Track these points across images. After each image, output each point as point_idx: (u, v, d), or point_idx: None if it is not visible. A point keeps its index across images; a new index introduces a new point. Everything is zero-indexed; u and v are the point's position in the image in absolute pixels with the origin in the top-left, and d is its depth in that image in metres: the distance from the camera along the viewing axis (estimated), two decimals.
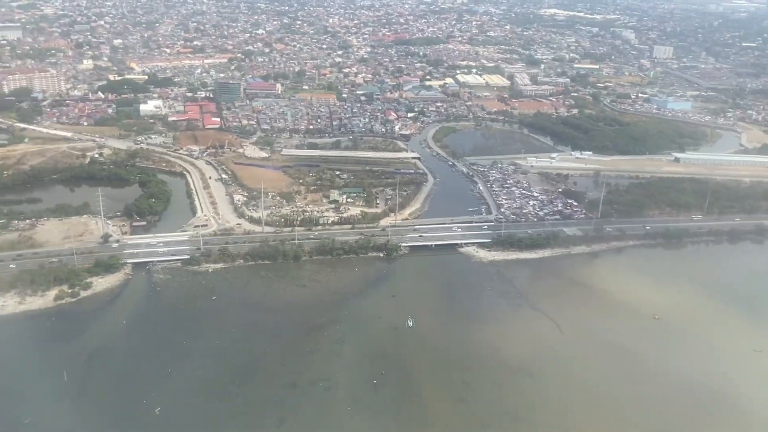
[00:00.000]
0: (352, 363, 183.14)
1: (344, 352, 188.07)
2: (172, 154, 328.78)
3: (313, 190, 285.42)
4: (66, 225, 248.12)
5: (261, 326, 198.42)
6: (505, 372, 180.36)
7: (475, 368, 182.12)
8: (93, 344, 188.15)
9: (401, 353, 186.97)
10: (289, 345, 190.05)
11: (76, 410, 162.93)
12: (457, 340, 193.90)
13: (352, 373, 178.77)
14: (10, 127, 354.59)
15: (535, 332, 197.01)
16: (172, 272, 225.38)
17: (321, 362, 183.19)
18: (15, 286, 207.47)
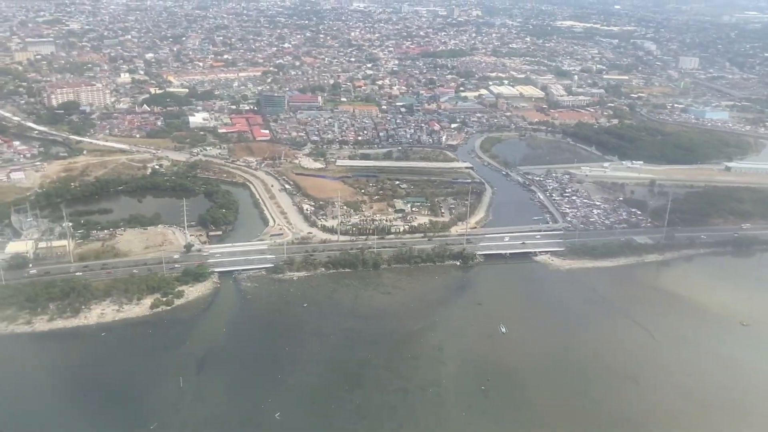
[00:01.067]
0: (456, 369, 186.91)
1: (446, 359, 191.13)
2: (231, 165, 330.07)
3: (376, 199, 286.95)
4: (144, 235, 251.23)
5: (358, 333, 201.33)
6: (611, 377, 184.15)
7: (579, 374, 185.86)
8: (199, 351, 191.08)
9: (501, 359, 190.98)
10: (390, 351, 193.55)
11: (197, 416, 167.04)
12: (554, 346, 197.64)
13: (458, 379, 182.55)
14: (66, 140, 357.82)
15: (628, 339, 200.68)
16: (258, 280, 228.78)
17: (425, 368, 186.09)
18: (110, 295, 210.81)
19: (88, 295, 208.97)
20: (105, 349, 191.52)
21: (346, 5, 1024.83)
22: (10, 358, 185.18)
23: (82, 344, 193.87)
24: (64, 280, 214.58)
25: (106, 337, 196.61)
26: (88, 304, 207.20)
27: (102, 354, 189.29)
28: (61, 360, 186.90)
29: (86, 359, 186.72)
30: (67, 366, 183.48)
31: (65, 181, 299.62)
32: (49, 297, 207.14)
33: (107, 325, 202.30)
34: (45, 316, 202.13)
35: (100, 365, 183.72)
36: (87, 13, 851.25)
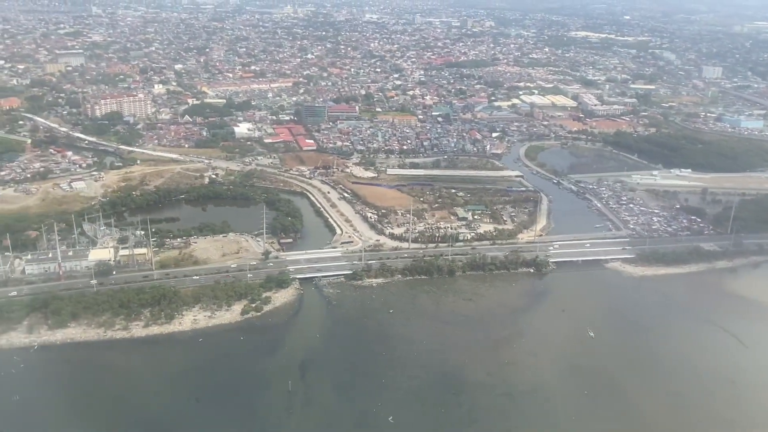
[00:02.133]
0: (555, 374, 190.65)
1: (542, 364, 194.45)
2: (285, 174, 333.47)
3: (436, 207, 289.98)
4: (218, 243, 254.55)
5: (449, 338, 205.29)
6: (706, 380, 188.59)
7: (675, 377, 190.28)
8: (298, 356, 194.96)
9: (597, 364, 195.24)
10: (485, 357, 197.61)
11: (310, 419, 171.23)
12: (644, 350, 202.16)
13: (559, 383, 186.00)
14: (117, 150, 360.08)
15: (716, 343, 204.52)
16: (338, 287, 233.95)
17: (524, 373, 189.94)
18: (199, 301, 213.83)
19: (179, 302, 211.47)
20: (206, 354, 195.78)
21: (358, 16, 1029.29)
22: (119, 364, 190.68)
23: (183, 350, 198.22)
24: (153, 287, 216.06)
25: (203, 343, 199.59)
26: (180, 311, 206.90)
27: (205, 359, 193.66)
28: (167, 365, 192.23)
29: (191, 364, 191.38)
30: (175, 371, 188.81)
31: (126, 190, 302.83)
32: (140, 303, 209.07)
33: (202, 331, 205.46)
34: (140, 322, 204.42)
35: (206, 370, 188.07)
36: (105, 25, 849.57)
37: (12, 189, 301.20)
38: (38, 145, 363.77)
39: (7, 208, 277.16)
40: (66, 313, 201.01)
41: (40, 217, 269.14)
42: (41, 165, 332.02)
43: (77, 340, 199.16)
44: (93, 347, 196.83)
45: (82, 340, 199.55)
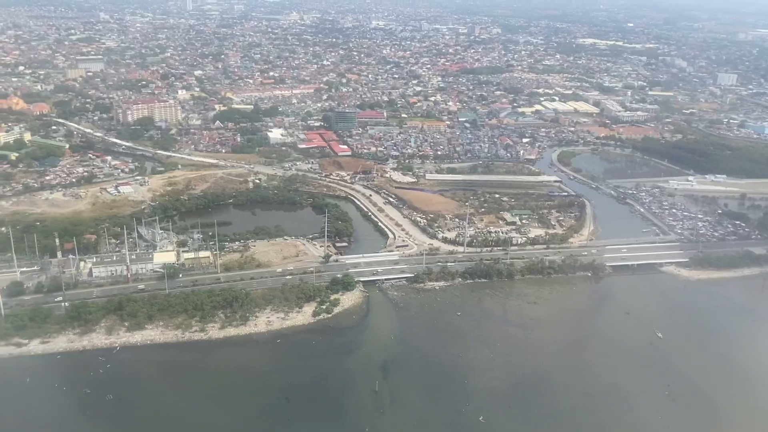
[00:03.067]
0: (632, 375, 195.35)
1: (616, 365, 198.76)
2: (326, 179, 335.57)
3: (482, 212, 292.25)
4: (276, 246, 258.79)
5: (521, 341, 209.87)
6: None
7: (756, 378, 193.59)
8: (377, 357, 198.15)
9: (671, 364, 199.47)
10: (560, 358, 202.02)
11: (401, 419, 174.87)
12: (716, 351, 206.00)
13: (638, 384, 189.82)
14: (155, 155, 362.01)
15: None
16: (402, 290, 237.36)
17: (601, 374, 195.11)
18: (270, 303, 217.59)
19: (251, 304, 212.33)
20: (287, 355, 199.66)
21: (365, 23, 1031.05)
22: (203, 364, 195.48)
23: (263, 351, 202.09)
24: (224, 289, 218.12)
25: (282, 344, 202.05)
26: (253, 313, 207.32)
27: (287, 360, 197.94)
28: (251, 366, 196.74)
29: (274, 365, 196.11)
30: (259, 371, 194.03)
31: (173, 194, 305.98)
32: (213, 305, 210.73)
33: (277, 332, 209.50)
34: (215, 324, 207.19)
35: (291, 371, 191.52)
36: (116, 31, 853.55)
37: (60, 193, 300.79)
38: (77, 150, 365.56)
39: (60, 211, 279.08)
40: (142, 315, 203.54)
41: (94, 221, 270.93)
42: (84, 169, 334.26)
43: (157, 342, 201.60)
44: (173, 348, 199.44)
45: (162, 342, 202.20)
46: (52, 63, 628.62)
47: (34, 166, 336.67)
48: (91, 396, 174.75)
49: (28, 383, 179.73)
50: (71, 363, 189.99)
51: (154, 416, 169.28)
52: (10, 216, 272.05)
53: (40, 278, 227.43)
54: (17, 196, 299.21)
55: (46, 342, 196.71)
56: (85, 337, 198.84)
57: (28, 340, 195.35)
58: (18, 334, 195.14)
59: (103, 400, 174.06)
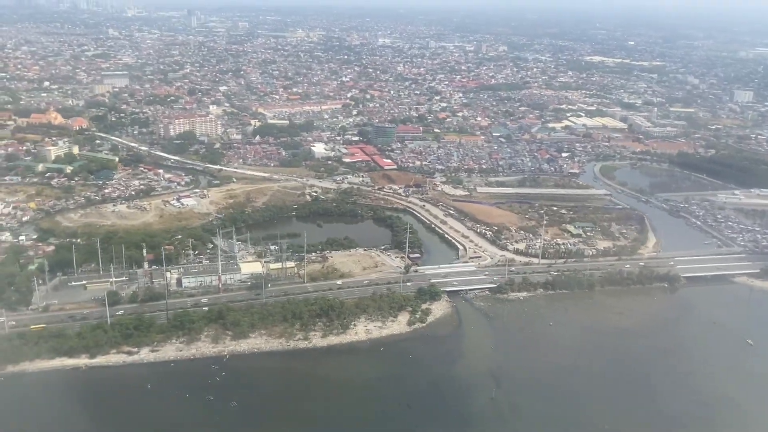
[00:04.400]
0: (737, 382, 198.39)
1: (718, 372, 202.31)
2: (380, 192, 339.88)
3: (545, 224, 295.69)
4: (352, 257, 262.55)
5: (617, 349, 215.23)
6: None
7: None
8: (482, 365, 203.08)
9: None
10: (661, 366, 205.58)
11: (525, 426, 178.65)
12: None
13: (747, 392, 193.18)
14: (205, 168, 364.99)
15: None
16: (487, 300, 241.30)
17: (706, 381, 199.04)
18: (365, 312, 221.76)
19: (347, 313, 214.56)
20: (394, 363, 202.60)
21: (372, 41, 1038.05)
22: (314, 372, 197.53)
23: (369, 358, 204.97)
24: (319, 298, 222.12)
25: (386, 352, 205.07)
26: (350, 321, 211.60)
27: (395, 367, 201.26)
28: (361, 372, 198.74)
29: (384, 372, 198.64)
30: (372, 378, 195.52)
31: (235, 207, 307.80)
32: (310, 314, 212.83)
33: (377, 340, 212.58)
34: (316, 332, 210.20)
35: (402, 378, 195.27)
36: (128, 47, 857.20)
37: (124, 205, 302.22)
38: (127, 163, 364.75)
39: (130, 223, 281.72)
40: (245, 323, 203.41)
41: (166, 232, 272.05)
42: (140, 182, 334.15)
43: (263, 350, 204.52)
44: (279, 356, 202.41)
45: (268, 350, 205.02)
46: (75, 78, 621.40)
47: (90, 179, 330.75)
48: (215, 403, 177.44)
49: (149, 390, 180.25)
50: (185, 371, 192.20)
51: (284, 423, 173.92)
52: (82, 228, 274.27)
53: (130, 288, 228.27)
54: (83, 208, 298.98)
55: (156, 350, 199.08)
56: (192, 346, 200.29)
57: (138, 348, 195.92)
58: (126, 342, 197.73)
59: (227, 407, 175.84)
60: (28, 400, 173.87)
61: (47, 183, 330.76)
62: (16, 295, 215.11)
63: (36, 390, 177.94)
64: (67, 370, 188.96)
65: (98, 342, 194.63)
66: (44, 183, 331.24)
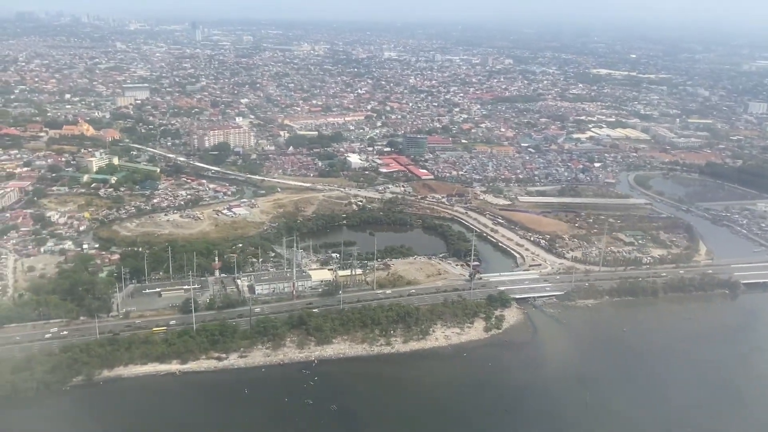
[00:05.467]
0: None
1: None
2: (423, 201, 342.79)
3: (594, 232, 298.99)
4: (413, 265, 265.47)
5: (696, 355, 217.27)
6: None
7: None
8: (568, 371, 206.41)
9: None
10: (744, 370, 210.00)
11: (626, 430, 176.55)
12: None
13: None
14: (247, 179, 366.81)
15: None
16: (555, 307, 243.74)
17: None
18: (440, 318, 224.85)
19: (422, 319, 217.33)
20: (479, 368, 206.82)
21: (378, 54, 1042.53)
22: (403, 377, 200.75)
23: (455, 364, 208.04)
24: (394, 305, 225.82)
25: (469, 358, 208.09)
26: (428, 327, 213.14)
27: (483, 372, 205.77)
28: (451, 378, 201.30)
29: (473, 377, 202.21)
30: (462, 383, 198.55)
31: (287, 216, 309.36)
32: (388, 320, 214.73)
33: (458, 346, 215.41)
34: (398, 338, 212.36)
35: (492, 383, 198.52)
36: (138, 60, 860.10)
37: (177, 215, 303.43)
38: (170, 174, 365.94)
39: (187, 232, 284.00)
40: (327, 329, 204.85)
41: (226, 241, 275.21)
42: (187, 192, 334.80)
43: (348, 355, 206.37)
44: (365, 361, 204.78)
45: (353, 355, 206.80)
46: (95, 91, 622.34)
47: (135, 190, 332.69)
48: (315, 407, 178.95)
49: (248, 395, 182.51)
50: (277, 376, 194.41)
51: (387, 426, 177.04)
52: (141, 237, 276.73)
53: (204, 295, 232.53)
54: (137, 217, 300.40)
55: (244, 356, 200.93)
56: (279, 351, 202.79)
57: (226, 354, 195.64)
58: (213, 348, 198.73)
59: (328, 410, 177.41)
60: (132, 405, 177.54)
61: (95, 193, 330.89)
62: (97, 303, 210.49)
63: (137, 395, 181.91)
64: (161, 376, 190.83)
65: (188, 348, 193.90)
66: (92, 193, 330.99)
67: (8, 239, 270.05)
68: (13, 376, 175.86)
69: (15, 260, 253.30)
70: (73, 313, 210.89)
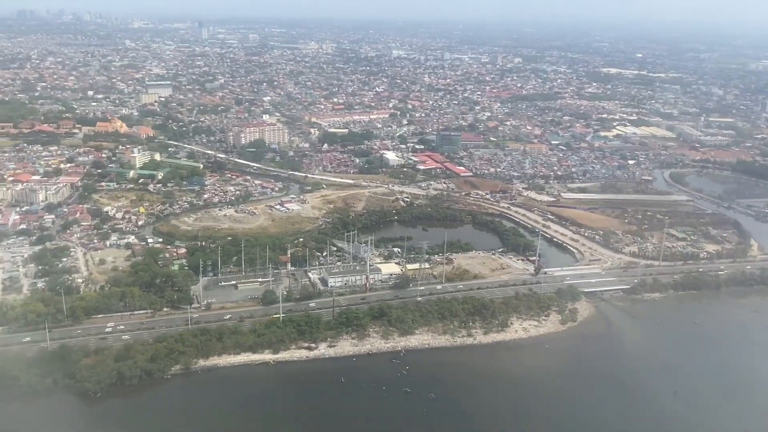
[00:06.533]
0: None
1: None
2: (468, 198, 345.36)
3: (645, 228, 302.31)
4: (474, 259, 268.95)
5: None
6: None
7: None
8: (651, 362, 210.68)
9: None
10: None
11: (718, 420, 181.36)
12: None
13: None
14: (290, 175, 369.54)
15: None
16: (623, 300, 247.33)
17: None
18: (515, 311, 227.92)
19: (498, 311, 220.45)
20: (566, 359, 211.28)
21: (386, 53, 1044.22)
22: (495, 365, 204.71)
23: (539, 354, 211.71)
24: (468, 297, 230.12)
25: (551, 349, 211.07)
26: (507, 319, 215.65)
27: (569, 363, 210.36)
28: (541, 367, 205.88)
29: (561, 367, 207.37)
30: (552, 372, 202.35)
31: (337, 211, 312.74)
32: (465, 312, 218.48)
33: (537, 338, 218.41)
34: (478, 329, 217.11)
35: (582, 372, 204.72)
36: (150, 58, 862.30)
37: (231, 210, 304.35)
38: (213, 170, 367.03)
39: (247, 227, 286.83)
40: (409, 320, 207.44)
41: (287, 235, 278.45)
42: (235, 188, 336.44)
43: (433, 346, 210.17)
44: (450, 352, 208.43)
45: (437, 346, 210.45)
46: (116, 88, 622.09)
47: (183, 185, 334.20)
48: (414, 395, 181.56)
49: (345, 383, 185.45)
50: (368, 365, 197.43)
51: (490, 414, 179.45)
52: (202, 231, 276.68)
53: (278, 288, 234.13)
54: (193, 212, 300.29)
55: (333, 346, 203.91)
56: (365, 342, 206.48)
57: (315, 344, 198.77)
58: (301, 338, 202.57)
59: (427, 398, 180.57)
60: (234, 393, 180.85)
61: (144, 188, 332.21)
62: (178, 294, 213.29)
63: (236, 383, 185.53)
64: (256, 365, 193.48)
65: (278, 338, 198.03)
66: (141, 189, 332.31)
67: (71, 233, 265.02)
68: (117, 364, 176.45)
69: (84, 254, 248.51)
70: (157, 305, 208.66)
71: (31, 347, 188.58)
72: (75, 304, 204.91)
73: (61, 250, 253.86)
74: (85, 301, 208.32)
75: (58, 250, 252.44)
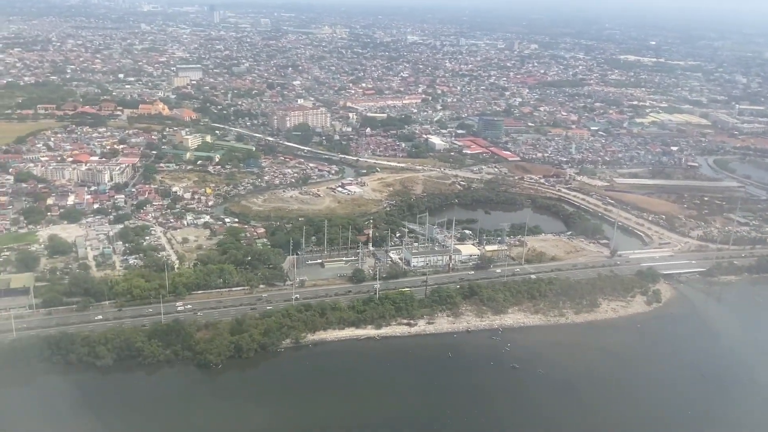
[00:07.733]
0: None
1: None
2: (523, 182, 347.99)
3: (705, 213, 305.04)
4: (547, 242, 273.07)
5: None
6: None
7: None
8: (746, 343, 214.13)
9: None
10: None
11: None
12: None
13: None
14: (341, 159, 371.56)
15: None
16: (700, 282, 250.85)
17: None
18: (601, 292, 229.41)
19: (583, 293, 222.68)
20: (660, 338, 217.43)
21: (400, 38, 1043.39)
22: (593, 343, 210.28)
23: (635, 333, 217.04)
24: (552, 278, 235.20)
25: (643, 329, 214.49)
26: (596, 299, 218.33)
27: (665, 342, 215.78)
28: (636, 345, 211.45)
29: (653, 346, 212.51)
30: (656, 351, 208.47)
31: (398, 194, 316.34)
32: (553, 293, 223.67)
33: (628, 318, 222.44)
34: (568, 309, 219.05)
35: (678, 350, 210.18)
36: (168, 41, 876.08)
37: (296, 191, 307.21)
38: (267, 153, 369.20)
39: (315, 208, 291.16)
40: (501, 299, 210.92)
41: (358, 216, 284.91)
42: (293, 171, 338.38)
43: (528, 324, 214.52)
44: (545, 330, 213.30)
45: (532, 324, 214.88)
46: (145, 71, 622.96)
47: (240, 167, 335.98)
48: (522, 371, 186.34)
49: (452, 358, 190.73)
50: (469, 341, 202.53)
51: (603, 391, 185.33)
52: (273, 211, 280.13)
53: (363, 266, 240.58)
54: (259, 193, 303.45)
55: (432, 323, 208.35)
56: (461, 319, 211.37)
57: (414, 321, 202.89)
58: (399, 314, 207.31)
59: (535, 374, 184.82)
60: (347, 366, 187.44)
61: (204, 170, 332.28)
62: (272, 272, 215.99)
63: (347, 357, 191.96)
64: (363, 340, 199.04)
65: (379, 314, 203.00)
66: (201, 170, 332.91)
67: (146, 213, 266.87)
68: (234, 337, 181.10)
69: (164, 232, 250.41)
70: (254, 281, 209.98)
71: (143, 321, 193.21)
72: (176, 280, 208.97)
73: (141, 228, 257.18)
74: (185, 277, 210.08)
75: (139, 229, 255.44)
